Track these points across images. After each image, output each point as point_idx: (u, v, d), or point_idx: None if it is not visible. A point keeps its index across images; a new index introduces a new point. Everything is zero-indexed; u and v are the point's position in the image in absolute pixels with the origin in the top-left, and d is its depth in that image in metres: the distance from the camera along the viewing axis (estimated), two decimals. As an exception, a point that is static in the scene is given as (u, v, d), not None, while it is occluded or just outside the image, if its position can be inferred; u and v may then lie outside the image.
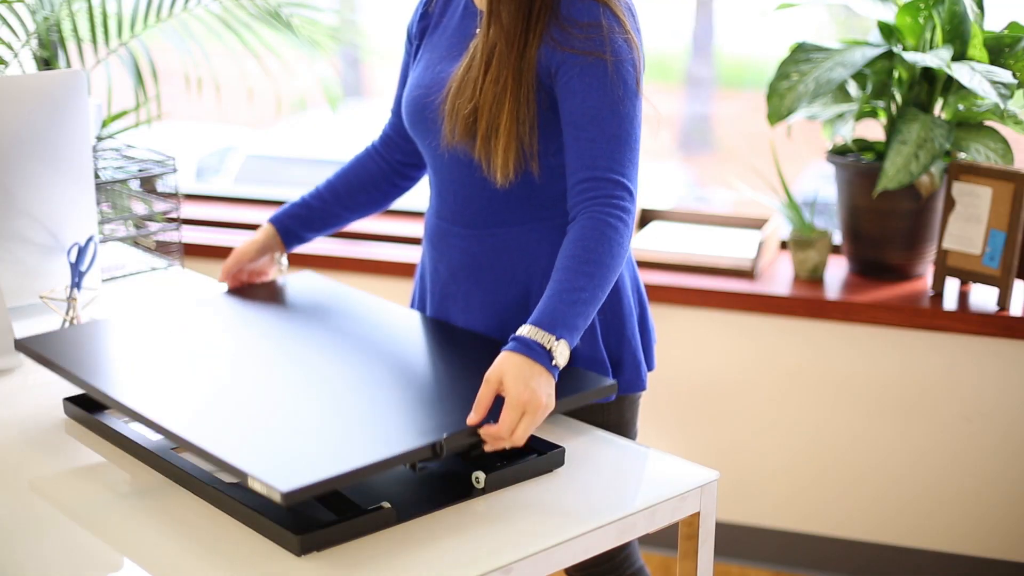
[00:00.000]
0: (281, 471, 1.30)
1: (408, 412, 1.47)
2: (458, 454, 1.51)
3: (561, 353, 1.47)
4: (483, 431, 1.41)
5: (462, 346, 1.68)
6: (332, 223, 1.94)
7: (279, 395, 1.53)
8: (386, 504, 1.37)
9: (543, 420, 1.45)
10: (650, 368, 1.80)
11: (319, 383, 1.57)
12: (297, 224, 1.93)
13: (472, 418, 1.42)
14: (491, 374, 1.44)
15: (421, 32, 1.80)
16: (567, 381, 1.54)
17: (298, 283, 1.95)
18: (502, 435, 1.41)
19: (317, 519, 1.35)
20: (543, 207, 1.69)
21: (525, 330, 1.48)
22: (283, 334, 1.75)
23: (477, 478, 1.44)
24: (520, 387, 1.43)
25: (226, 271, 1.93)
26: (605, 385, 1.55)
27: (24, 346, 1.69)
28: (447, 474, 1.48)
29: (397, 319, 1.80)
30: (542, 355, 1.46)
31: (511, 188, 1.66)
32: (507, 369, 1.44)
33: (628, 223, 1.58)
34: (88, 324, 1.78)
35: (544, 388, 1.44)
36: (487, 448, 1.43)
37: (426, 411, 1.46)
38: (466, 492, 1.44)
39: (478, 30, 1.68)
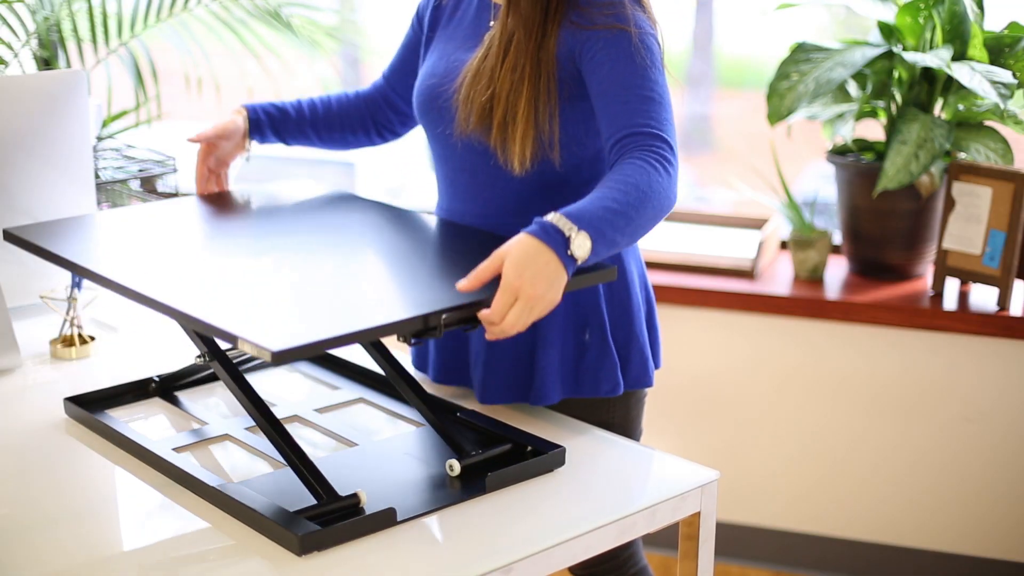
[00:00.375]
0: (272, 333, 1.27)
1: (406, 289, 1.45)
2: (456, 453, 1.51)
3: (580, 245, 1.37)
4: (480, 315, 1.36)
5: (469, 238, 1.65)
6: (298, 140, 1.94)
7: (273, 273, 1.51)
8: (363, 494, 1.37)
9: (543, 312, 1.37)
10: (657, 366, 1.80)
11: (316, 264, 1.54)
12: (268, 121, 1.91)
13: (462, 283, 1.36)
14: (500, 249, 1.38)
15: (433, 22, 1.80)
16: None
17: (295, 187, 1.94)
18: (491, 320, 1.35)
19: (317, 519, 1.35)
20: (557, 199, 1.68)
21: (549, 216, 1.39)
22: (279, 223, 1.73)
23: (451, 465, 1.44)
24: (516, 271, 1.35)
25: (203, 137, 1.87)
26: (604, 271, 1.48)
27: (11, 235, 1.66)
28: (447, 474, 1.48)
29: (401, 213, 1.76)
30: (558, 241, 1.37)
31: (525, 177, 1.65)
32: (513, 249, 1.37)
33: (671, 173, 1.49)
34: (77, 217, 1.76)
35: (545, 277, 1.35)
36: (487, 336, 1.37)
37: (426, 290, 1.43)
38: (466, 492, 1.44)
39: (493, 22, 1.69)
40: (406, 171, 3.84)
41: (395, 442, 1.57)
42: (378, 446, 1.56)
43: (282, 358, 1.23)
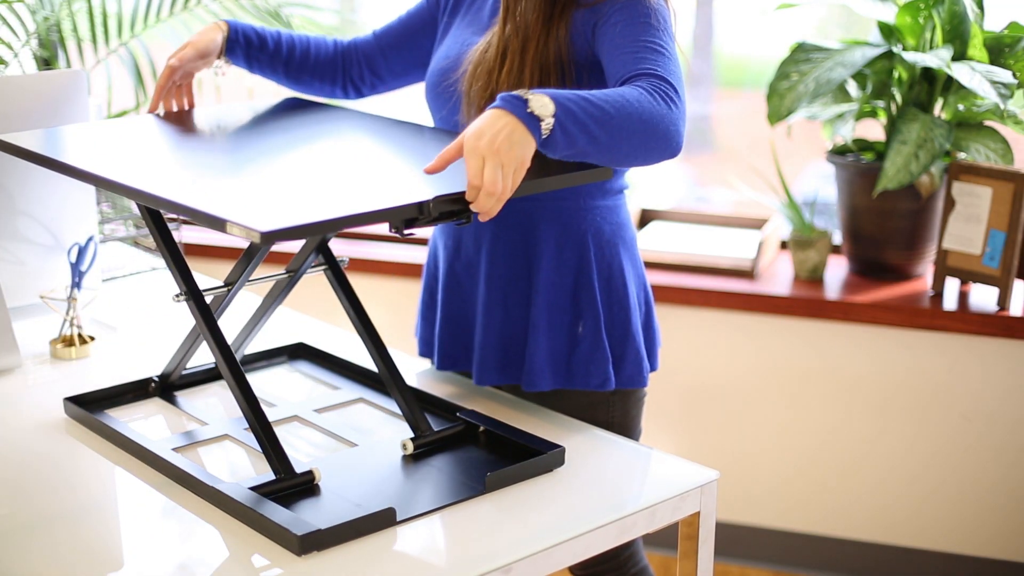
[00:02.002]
0: (261, 216, 1.25)
1: (397, 180, 1.44)
2: (457, 455, 1.51)
3: (541, 104, 1.34)
4: (467, 193, 1.34)
5: (448, 137, 1.63)
6: (264, 72, 1.93)
7: (257, 165, 1.50)
8: (360, 502, 1.37)
9: (515, 168, 1.34)
10: (653, 368, 1.80)
11: (305, 156, 1.54)
12: (244, 46, 1.89)
13: (428, 165, 1.36)
14: (465, 130, 1.37)
15: (455, 9, 1.80)
16: (561, 169, 1.46)
17: (282, 100, 1.93)
18: (472, 182, 1.33)
19: (317, 519, 1.35)
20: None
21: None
22: (265, 122, 1.73)
23: (404, 444, 1.47)
24: (475, 135, 1.33)
25: (183, 58, 1.83)
26: (599, 169, 1.46)
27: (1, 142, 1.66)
28: (447, 474, 1.48)
29: (390, 122, 1.74)
30: (515, 104, 1.35)
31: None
32: (476, 121, 1.36)
33: (672, 108, 1.45)
34: (62, 127, 1.76)
35: (506, 135, 1.32)
36: (480, 211, 1.34)
37: (417, 181, 1.41)
38: (466, 492, 1.44)
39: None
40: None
41: (395, 442, 1.57)
42: (378, 446, 1.56)
43: (271, 239, 1.20)
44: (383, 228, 3.16)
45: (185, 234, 2.93)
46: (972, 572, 2.71)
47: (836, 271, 2.79)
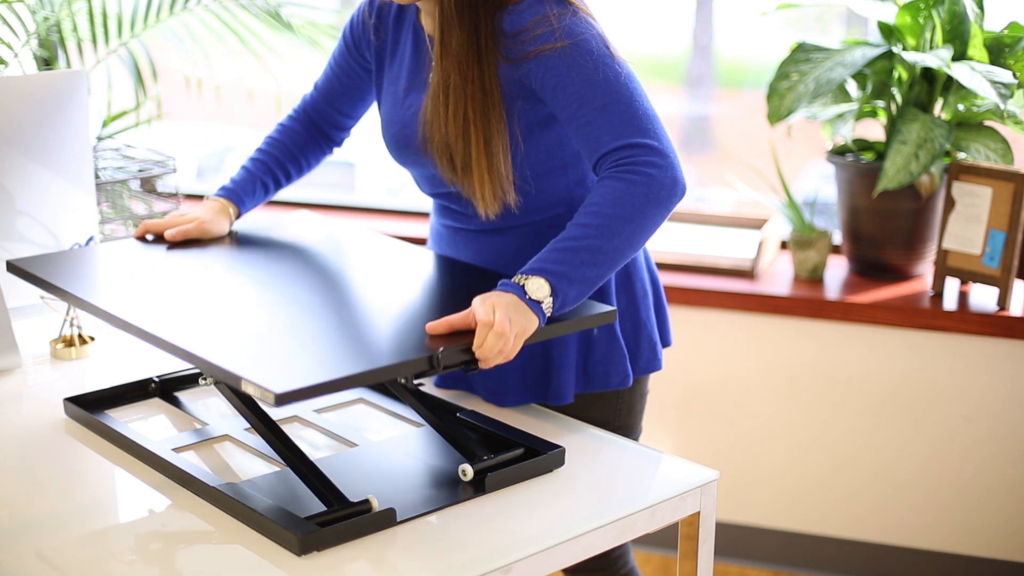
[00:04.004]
0: (275, 375, 1.28)
1: (407, 329, 1.45)
2: (459, 452, 1.51)
3: (536, 287, 1.43)
4: (477, 352, 1.39)
5: (464, 276, 1.66)
6: (274, 192, 1.92)
7: (274, 311, 1.52)
8: (374, 502, 1.37)
9: (516, 329, 1.40)
10: (667, 344, 1.81)
11: (316, 302, 1.55)
12: (248, 198, 1.88)
13: (430, 324, 1.40)
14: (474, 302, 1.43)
15: (378, 62, 1.76)
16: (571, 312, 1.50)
17: (295, 219, 1.94)
18: (482, 320, 1.39)
19: (317, 519, 1.35)
20: (554, 206, 1.68)
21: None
22: (279, 259, 1.73)
23: (463, 471, 1.44)
24: (482, 296, 1.42)
25: (184, 234, 1.79)
26: (604, 311, 1.51)
27: (16, 267, 1.67)
28: (447, 474, 1.48)
29: (398, 250, 1.78)
30: (515, 288, 1.44)
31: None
32: (475, 300, 1.43)
33: (652, 175, 1.49)
34: (80, 249, 1.77)
35: (511, 300, 1.41)
36: (482, 353, 1.39)
37: (422, 327, 1.44)
38: (466, 492, 1.44)
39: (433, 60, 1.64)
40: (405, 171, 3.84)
41: (395, 442, 1.57)
42: (378, 446, 1.56)
43: (285, 400, 1.24)
44: (383, 228, 3.16)
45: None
46: (972, 572, 2.71)
47: (836, 271, 2.79)
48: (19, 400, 1.73)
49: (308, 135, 1.92)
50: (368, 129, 1.98)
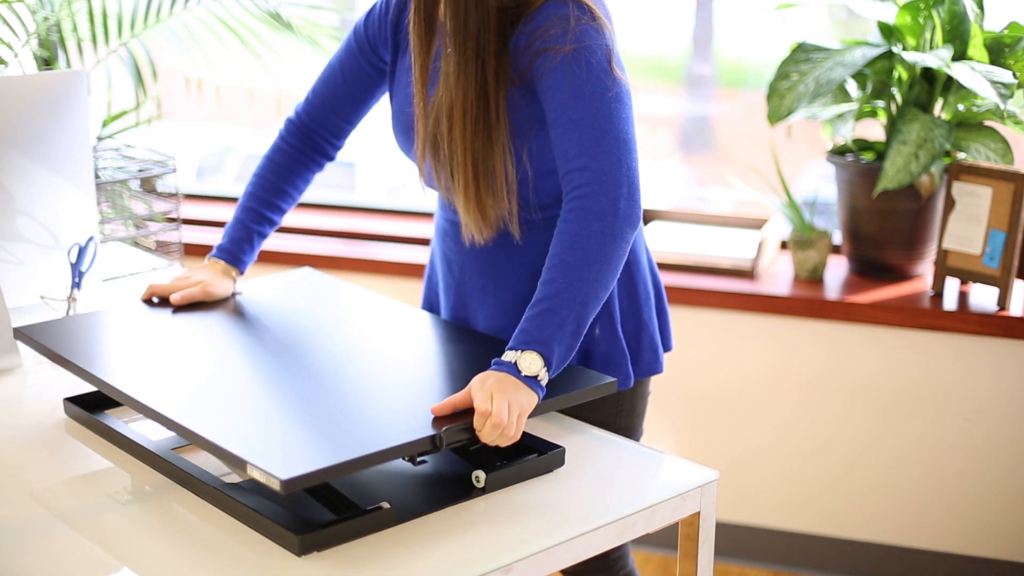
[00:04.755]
0: (280, 459, 1.29)
1: (408, 405, 1.46)
2: (459, 453, 1.51)
3: (529, 363, 1.45)
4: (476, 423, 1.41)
5: (463, 342, 1.68)
6: (271, 230, 1.91)
7: (278, 386, 1.53)
8: (386, 504, 1.37)
9: (517, 410, 1.41)
10: (668, 349, 1.81)
11: (318, 375, 1.56)
12: (248, 249, 1.88)
13: (435, 407, 1.42)
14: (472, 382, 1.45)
15: (393, 51, 1.76)
16: (568, 379, 1.53)
17: (299, 279, 1.95)
18: (480, 409, 1.40)
19: (317, 519, 1.35)
20: (550, 207, 1.68)
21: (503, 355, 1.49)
22: (283, 327, 1.74)
23: (477, 477, 1.44)
24: (480, 377, 1.43)
25: (189, 297, 1.80)
26: (604, 383, 1.54)
27: (23, 334, 1.68)
28: (447, 474, 1.48)
29: (399, 315, 1.79)
30: (510, 368, 1.45)
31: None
32: (474, 380, 1.44)
33: (592, 208, 1.51)
34: (86, 314, 1.77)
35: (504, 395, 1.42)
36: (482, 439, 1.41)
37: (426, 404, 1.46)
38: (466, 492, 1.44)
39: (447, 49, 1.61)
40: (406, 171, 3.84)
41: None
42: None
43: (291, 486, 1.25)
44: (383, 228, 3.16)
45: (185, 234, 2.92)
46: (972, 572, 2.71)
47: (836, 271, 2.79)
48: (19, 400, 1.73)
49: (300, 156, 1.89)
50: (368, 129, 1.97)
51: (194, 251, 3.05)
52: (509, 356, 1.46)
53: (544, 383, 1.46)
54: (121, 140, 2.75)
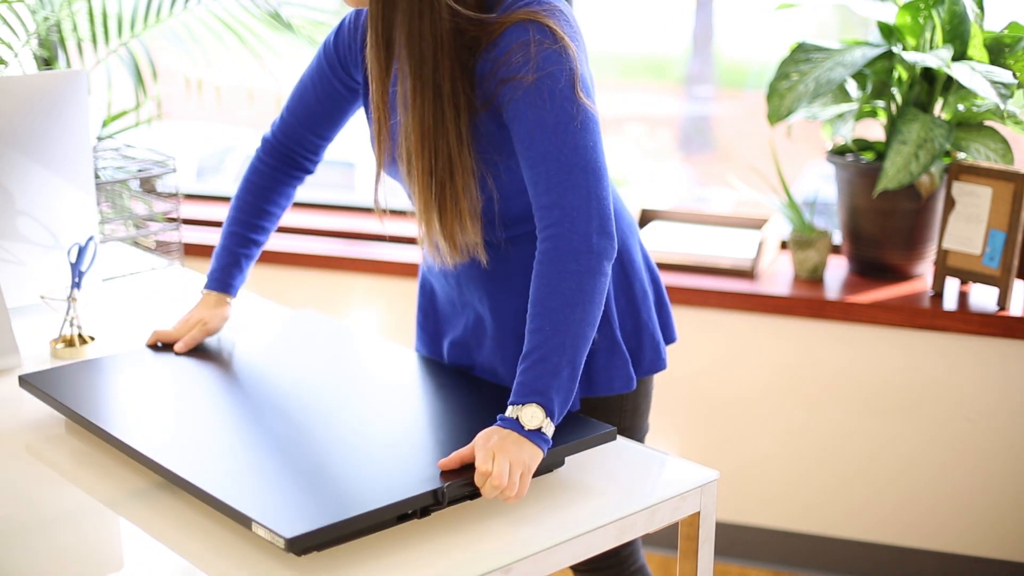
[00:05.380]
0: (285, 517, 1.30)
1: (412, 456, 1.46)
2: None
3: (530, 417, 1.43)
4: (479, 483, 1.40)
5: (465, 390, 1.67)
6: (259, 251, 1.91)
7: (282, 436, 1.52)
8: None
9: (520, 469, 1.40)
10: (671, 341, 1.80)
11: (321, 425, 1.56)
12: (237, 274, 1.88)
13: (442, 461, 1.42)
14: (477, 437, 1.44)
15: (365, 66, 1.72)
16: (567, 430, 1.52)
17: (301, 322, 1.95)
18: (480, 469, 1.39)
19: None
20: (516, 224, 1.67)
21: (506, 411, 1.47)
22: (285, 375, 1.74)
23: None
24: (484, 435, 1.43)
25: (191, 342, 1.82)
26: (604, 432, 1.53)
27: (27, 383, 1.69)
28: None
29: (399, 362, 1.79)
30: (512, 424, 1.44)
31: (499, 210, 1.64)
32: (479, 436, 1.44)
33: (564, 247, 1.49)
34: (89, 361, 1.76)
35: (513, 439, 1.41)
36: (483, 496, 1.41)
37: (429, 456, 1.46)
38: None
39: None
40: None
41: (395, 442, 1.57)
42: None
43: (296, 544, 1.25)
44: (381, 228, 3.16)
45: (185, 234, 2.92)
46: (972, 572, 2.71)
47: (836, 271, 2.79)
48: (19, 400, 1.73)
49: (277, 175, 1.88)
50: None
51: (194, 251, 3.05)
52: (511, 412, 1.45)
53: (549, 433, 1.45)
54: (121, 140, 2.75)
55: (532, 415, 1.44)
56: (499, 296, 1.70)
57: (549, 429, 1.44)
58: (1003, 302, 2.54)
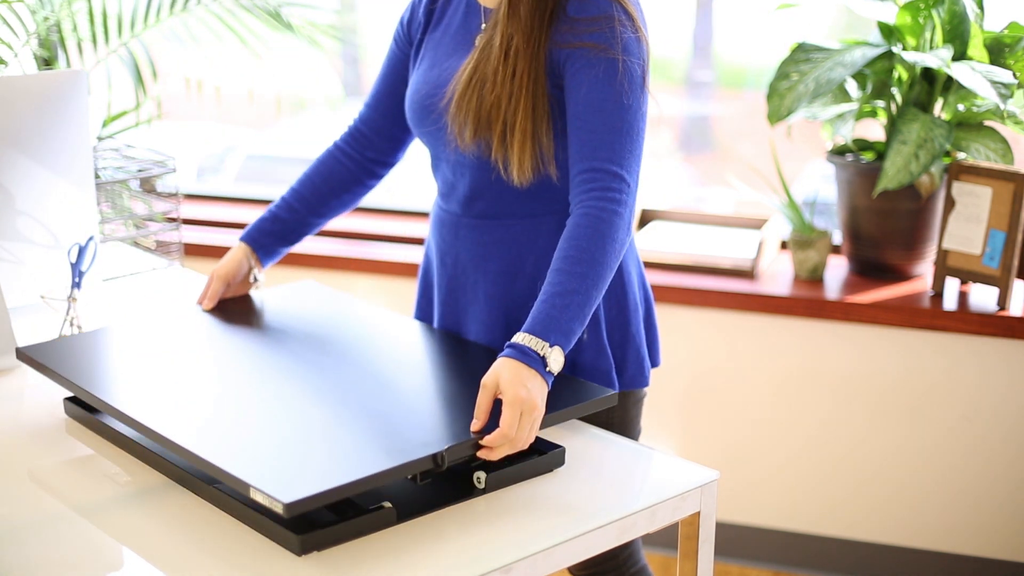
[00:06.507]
0: (283, 482, 1.30)
1: (410, 422, 1.46)
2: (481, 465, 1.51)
3: (555, 360, 1.47)
4: (485, 439, 1.41)
5: (463, 356, 1.68)
6: (304, 233, 1.92)
7: (280, 405, 1.53)
8: (386, 504, 1.37)
9: (539, 423, 1.45)
10: (655, 365, 1.81)
11: (320, 393, 1.56)
12: (272, 240, 1.90)
13: (475, 425, 1.42)
14: (487, 379, 1.44)
15: (423, 29, 1.78)
16: (568, 391, 1.54)
17: (300, 293, 1.95)
18: (506, 435, 1.40)
19: (317, 519, 1.35)
20: (555, 201, 1.69)
21: (520, 337, 1.47)
22: (284, 343, 1.74)
23: (479, 478, 1.44)
24: (517, 387, 1.42)
25: (214, 295, 1.86)
26: (606, 395, 1.54)
27: (25, 355, 1.69)
28: (447, 474, 1.48)
29: (398, 329, 1.79)
30: (536, 361, 1.46)
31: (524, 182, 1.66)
32: (502, 372, 1.44)
33: (624, 215, 1.56)
34: (88, 333, 1.77)
35: (538, 391, 1.44)
36: (489, 457, 1.42)
37: (428, 421, 1.46)
38: (466, 492, 1.44)
39: (484, 25, 1.68)
40: (405, 171, 3.83)
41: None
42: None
43: (294, 509, 1.25)
44: (383, 228, 3.16)
45: (185, 234, 2.92)
46: (972, 572, 2.71)
47: (836, 271, 2.79)
48: (19, 400, 1.73)
49: (350, 164, 1.90)
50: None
51: (194, 251, 3.05)
52: (537, 346, 1.46)
53: (554, 374, 1.49)
54: (121, 140, 2.75)
55: (556, 359, 1.47)
56: (492, 279, 1.72)
57: (557, 371, 1.48)
58: (1003, 302, 2.54)
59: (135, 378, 1.63)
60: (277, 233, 1.90)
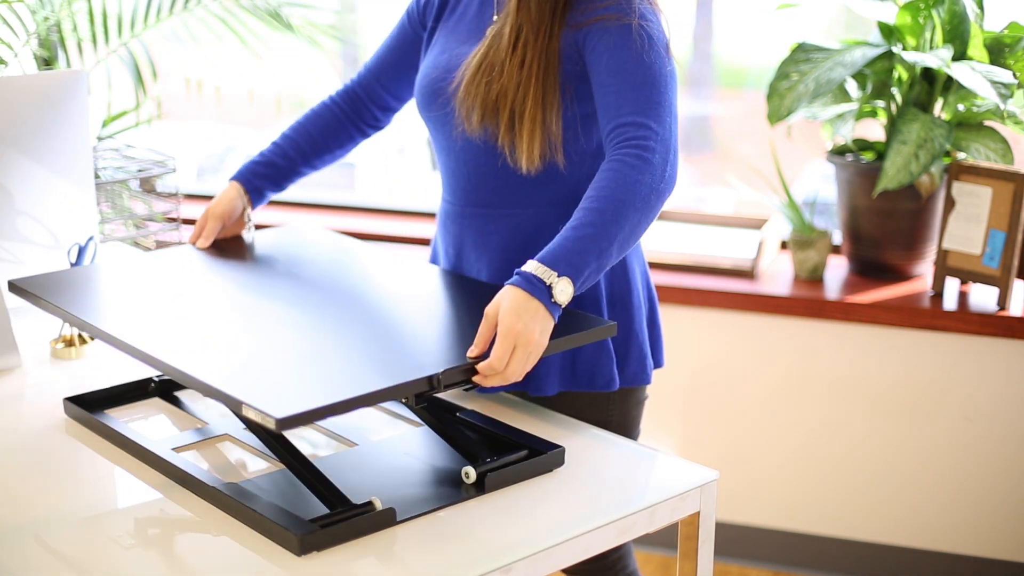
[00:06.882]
0: (275, 399, 1.28)
1: (407, 348, 1.45)
2: (459, 453, 1.51)
3: (562, 290, 1.43)
4: (479, 366, 1.39)
5: (464, 289, 1.67)
6: (292, 180, 1.94)
7: (277, 330, 1.52)
8: (387, 504, 1.37)
9: (537, 358, 1.42)
10: (658, 365, 1.80)
11: (319, 320, 1.55)
12: (264, 184, 1.91)
13: (472, 351, 1.40)
14: (490, 308, 1.43)
15: (437, 14, 1.80)
16: (565, 323, 1.51)
17: (298, 231, 1.94)
18: (494, 367, 1.39)
19: (317, 519, 1.35)
20: (560, 191, 1.69)
21: (529, 265, 1.45)
22: (283, 276, 1.74)
23: (467, 473, 1.44)
24: (512, 319, 1.40)
25: (210, 233, 1.87)
26: (604, 326, 1.51)
27: (17, 286, 1.68)
28: (447, 473, 1.48)
29: (399, 263, 1.79)
30: (541, 291, 1.43)
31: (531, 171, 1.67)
32: (504, 301, 1.42)
33: (650, 160, 1.52)
34: (81, 267, 1.77)
35: (538, 324, 1.41)
36: (483, 383, 1.40)
37: (427, 347, 1.44)
38: (466, 492, 1.44)
39: (496, 16, 1.69)
40: (405, 171, 3.84)
41: (395, 442, 1.57)
42: (378, 446, 1.56)
43: (286, 424, 1.24)
44: (383, 228, 3.16)
45: (185, 234, 2.92)
46: (972, 572, 2.71)
47: (836, 271, 2.79)
48: (19, 400, 1.73)
49: (344, 119, 1.93)
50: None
51: (194, 251, 3.05)
52: (543, 274, 1.43)
53: (560, 310, 1.45)
54: (121, 140, 2.75)
55: (563, 290, 1.43)
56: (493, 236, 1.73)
57: (565, 304, 1.45)
58: (1003, 302, 2.54)
59: (129, 307, 1.62)
60: (270, 177, 1.91)
